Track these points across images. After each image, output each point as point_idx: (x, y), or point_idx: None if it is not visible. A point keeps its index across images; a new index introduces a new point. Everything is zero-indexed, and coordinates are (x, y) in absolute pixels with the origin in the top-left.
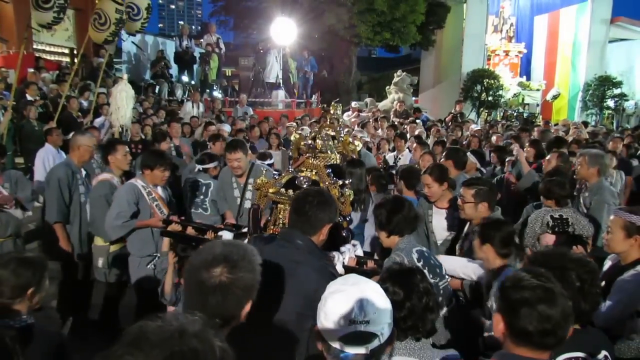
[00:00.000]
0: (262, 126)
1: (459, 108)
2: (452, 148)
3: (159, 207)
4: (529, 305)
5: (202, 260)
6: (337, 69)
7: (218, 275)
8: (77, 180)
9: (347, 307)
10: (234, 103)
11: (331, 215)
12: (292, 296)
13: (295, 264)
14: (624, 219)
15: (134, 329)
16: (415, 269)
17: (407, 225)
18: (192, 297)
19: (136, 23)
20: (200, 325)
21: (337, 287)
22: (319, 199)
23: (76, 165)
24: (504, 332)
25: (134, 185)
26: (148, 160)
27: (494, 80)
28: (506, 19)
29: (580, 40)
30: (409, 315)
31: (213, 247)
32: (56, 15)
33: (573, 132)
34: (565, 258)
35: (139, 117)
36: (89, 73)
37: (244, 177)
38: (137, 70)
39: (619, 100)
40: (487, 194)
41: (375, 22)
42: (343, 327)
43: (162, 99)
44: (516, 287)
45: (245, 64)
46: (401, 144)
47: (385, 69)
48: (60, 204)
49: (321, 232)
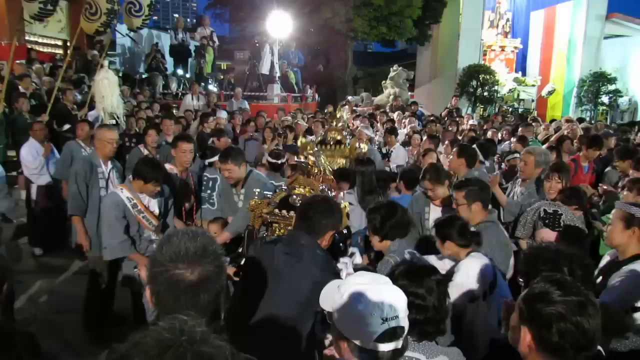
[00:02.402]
0: (258, 120)
1: (455, 103)
2: (463, 145)
3: (146, 219)
4: (564, 320)
5: (178, 262)
6: (333, 63)
7: (204, 271)
8: (96, 175)
9: (376, 306)
10: (229, 97)
11: (335, 223)
12: (295, 289)
13: (298, 259)
14: (624, 210)
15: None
16: (431, 267)
17: (400, 231)
18: (180, 300)
19: (137, 19)
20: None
21: (357, 288)
22: (324, 206)
23: (100, 159)
24: (531, 345)
25: (117, 198)
26: (143, 171)
27: (489, 76)
28: (502, 14)
29: (576, 37)
30: (434, 317)
31: (183, 245)
32: (42, 6)
33: (567, 126)
34: (559, 253)
35: (132, 111)
36: (82, 65)
37: (239, 187)
38: (131, 64)
39: (614, 96)
40: (478, 193)
41: (371, 17)
42: (377, 327)
43: (156, 93)
44: (546, 300)
45: (241, 57)
46: (392, 139)
47: (382, 63)
48: (76, 198)
49: (324, 238)
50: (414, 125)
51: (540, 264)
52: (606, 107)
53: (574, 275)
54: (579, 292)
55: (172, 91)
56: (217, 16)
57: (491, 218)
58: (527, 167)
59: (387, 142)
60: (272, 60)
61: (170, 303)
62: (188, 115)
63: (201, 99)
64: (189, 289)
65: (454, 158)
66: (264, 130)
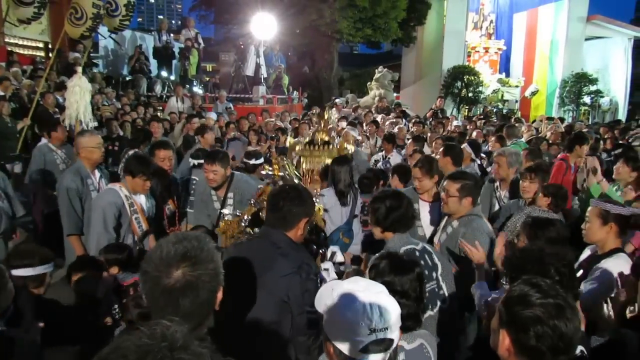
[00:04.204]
0: (241, 123)
1: (440, 104)
2: (450, 144)
3: (138, 222)
4: (541, 323)
5: (159, 265)
6: (318, 65)
7: (182, 275)
8: (87, 187)
9: (366, 316)
10: (214, 99)
11: (307, 210)
12: (269, 289)
13: (270, 258)
14: (600, 207)
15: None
16: (415, 263)
17: (404, 224)
18: (161, 304)
19: (114, 19)
20: (186, 336)
21: (348, 295)
22: (294, 194)
23: (87, 169)
24: (510, 349)
25: (115, 195)
26: (131, 165)
27: (474, 77)
28: (486, 16)
29: (558, 38)
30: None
31: (166, 248)
32: (37, 10)
33: (551, 128)
34: (544, 253)
35: (116, 114)
36: (64, 68)
37: (222, 190)
38: (114, 66)
39: (595, 96)
40: (472, 189)
41: (356, 18)
42: (364, 337)
43: (140, 95)
44: (524, 303)
45: (226, 59)
46: (389, 147)
47: (367, 65)
48: (71, 216)
49: (298, 226)
50: (401, 126)
51: (528, 264)
52: (588, 108)
53: (560, 274)
54: (558, 295)
55: (157, 94)
56: (202, 18)
57: (476, 211)
58: (501, 168)
59: (385, 149)
60: (257, 62)
61: (153, 304)
62: (173, 118)
63: (186, 102)
64: (166, 292)
65: (440, 157)
66: (249, 133)
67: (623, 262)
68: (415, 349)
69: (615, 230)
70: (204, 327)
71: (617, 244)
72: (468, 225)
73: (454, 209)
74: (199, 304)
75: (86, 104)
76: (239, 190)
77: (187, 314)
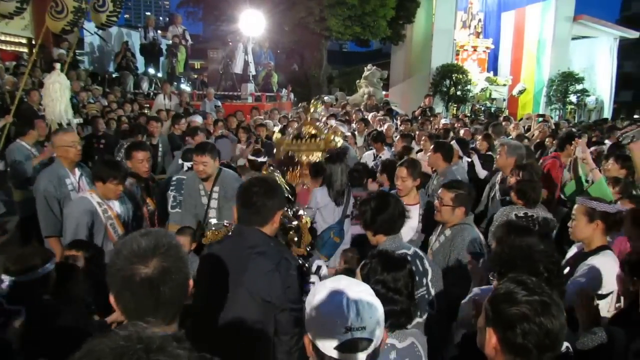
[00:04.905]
0: (229, 120)
1: (428, 102)
2: (440, 142)
3: (113, 227)
4: (527, 321)
5: (132, 258)
6: (307, 63)
7: (159, 263)
8: (65, 187)
9: (342, 313)
10: (202, 96)
11: (280, 202)
12: (250, 290)
13: (247, 258)
14: (586, 205)
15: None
16: (406, 260)
17: (393, 225)
18: (140, 296)
19: (102, 15)
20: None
21: (328, 291)
22: (265, 187)
23: (65, 168)
24: (497, 347)
25: (87, 203)
26: (100, 171)
27: (462, 75)
28: (474, 14)
29: (545, 37)
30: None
31: (136, 242)
32: (19, 5)
33: (539, 126)
34: (532, 250)
35: (102, 111)
36: (48, 65)
37: (210, 183)
38: (100, 63)
39: (581, 95)
40: (466, 199)
41: (345, 16)
42: (339, 335)
43: (127, 92)
44: (510, 301)
45: (214, 56)
46: (380, 145)
47: (356, 63)
48: (48, 217)
49: (273, 220)
50: (390, 124)
51: (518, 260)
52: (574, 106)
53: (548, 270)
54: (543, 292)
55: (144, 91)
56: (190, 14)
57: (467, 220)
58: (500, 157)
59: (376, 148)
60: (245, 60)
61: (130, 302)
62: (162, 115)
63: (173, 99)
64: (145, 282)
65: (431, 153)
66: (238, 130)
67: (610, 259)
68: (406, 347)
69: (602, 228)
70: (178, 317)
71: (603, 241)
72: (459, 234)
73: (447, 218)
74: (177, 290)
75: (67, 101)
76: (224, 185)
77: (167, 301)
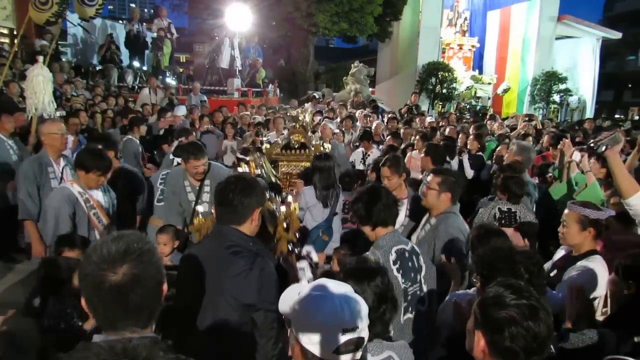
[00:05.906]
0: (215, 115)
1: (414, 100)
2: (431, 144)
3: (97, 217)
4: (515, 324)
5: (102, 264)
6: (294, 58)
7: (129, 270)
8: (47, 174)
9: (337, 316)
10: (187, 91)
11: (259, 199)
12: (227, 292)
13: (223, 259)
14: (578, 212)
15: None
16: (378, 269)
17: (389, 214)
18: (109, 302)
19: (90, 9)
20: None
21: (316, 296)
22: (242, 184)
23: (50, 157)
24: (485, 350)
25: (67, 192)
26: (84, 160)
27: (448, 73)
28: (460, 13)
29: (530, 37)
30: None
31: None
32: None
33: (523, 125)
34: (513, 251)
35: (86, 104)
36: (29, 56)
37: (197, 180)
38: (84, 55)
39: (564, 95)
40: (453, 185)
41: (333, 12)
42: (337, 337)
43: (111, 86)
44: (499, 304)
45: (200, 50)
46: (368, 144)
47: (343, 59)
48: (27, 201)
49: (252, 218)
50: (379, 122)
51: (500, 262)
52: (557, 106)
53: (529, 272)
54: (531, 296)
55: (128, 84)
56: (176, 7)
57: (453, 209)
58: (509, 155)
59: (364, 146)
60: (232, 54)
61: (99, 308)
62: (146, 110)
63: (159, 93)
64: (113, 289)
65: (422, 156)
66: (225, 126)
67: (598, 264)
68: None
69: (593, 234)
70: (154, 320)
71: (592, 246)
72: (443, 222)
73: (432, 203)
74: (148, 297)
75: (50, 94)
76: (214, 178)
77: (136, 307)
